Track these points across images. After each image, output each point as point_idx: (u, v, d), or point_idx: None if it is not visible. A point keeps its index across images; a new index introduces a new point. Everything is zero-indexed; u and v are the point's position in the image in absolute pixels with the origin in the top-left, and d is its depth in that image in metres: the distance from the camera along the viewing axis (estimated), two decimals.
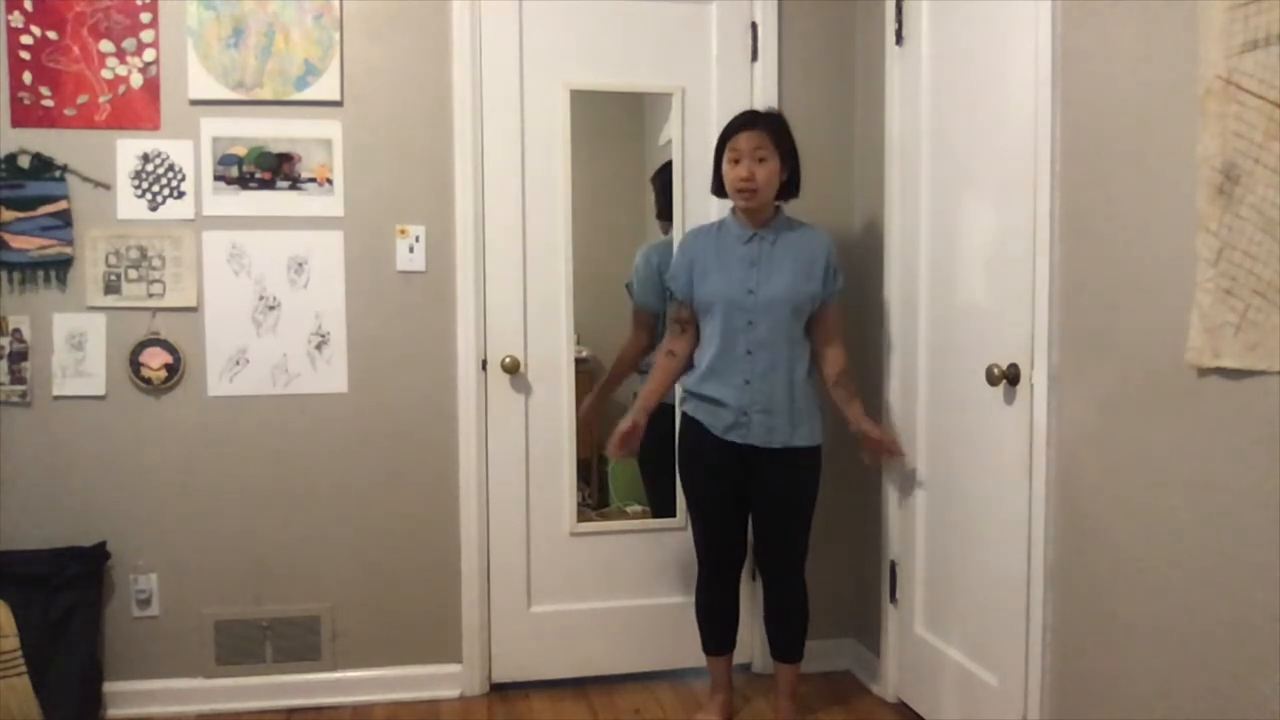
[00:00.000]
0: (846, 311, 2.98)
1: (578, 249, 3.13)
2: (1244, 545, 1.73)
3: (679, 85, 3.16)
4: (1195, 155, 1.79)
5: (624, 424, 2.79)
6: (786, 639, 2.86)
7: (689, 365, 2.82)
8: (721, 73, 3.16)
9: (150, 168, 2.92)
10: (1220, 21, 1.73)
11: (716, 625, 2.89)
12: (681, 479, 2.91)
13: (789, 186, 2.76)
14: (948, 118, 2.74)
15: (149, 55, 2.90)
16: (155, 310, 2.95)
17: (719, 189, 2.78)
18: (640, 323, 3.06)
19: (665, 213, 3.21)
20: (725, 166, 2.70)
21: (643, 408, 2.80)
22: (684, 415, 2.82)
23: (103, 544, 2.93)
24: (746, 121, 2.70)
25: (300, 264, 3.00)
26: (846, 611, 3.31)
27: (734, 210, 2.77)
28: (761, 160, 2.65)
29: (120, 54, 2.89)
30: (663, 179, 3.22)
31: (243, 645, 3.03)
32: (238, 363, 2.99)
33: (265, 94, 2.95)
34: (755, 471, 2.74)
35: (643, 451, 2.93)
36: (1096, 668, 2.15)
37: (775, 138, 2.69)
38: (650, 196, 3.31)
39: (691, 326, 2.81)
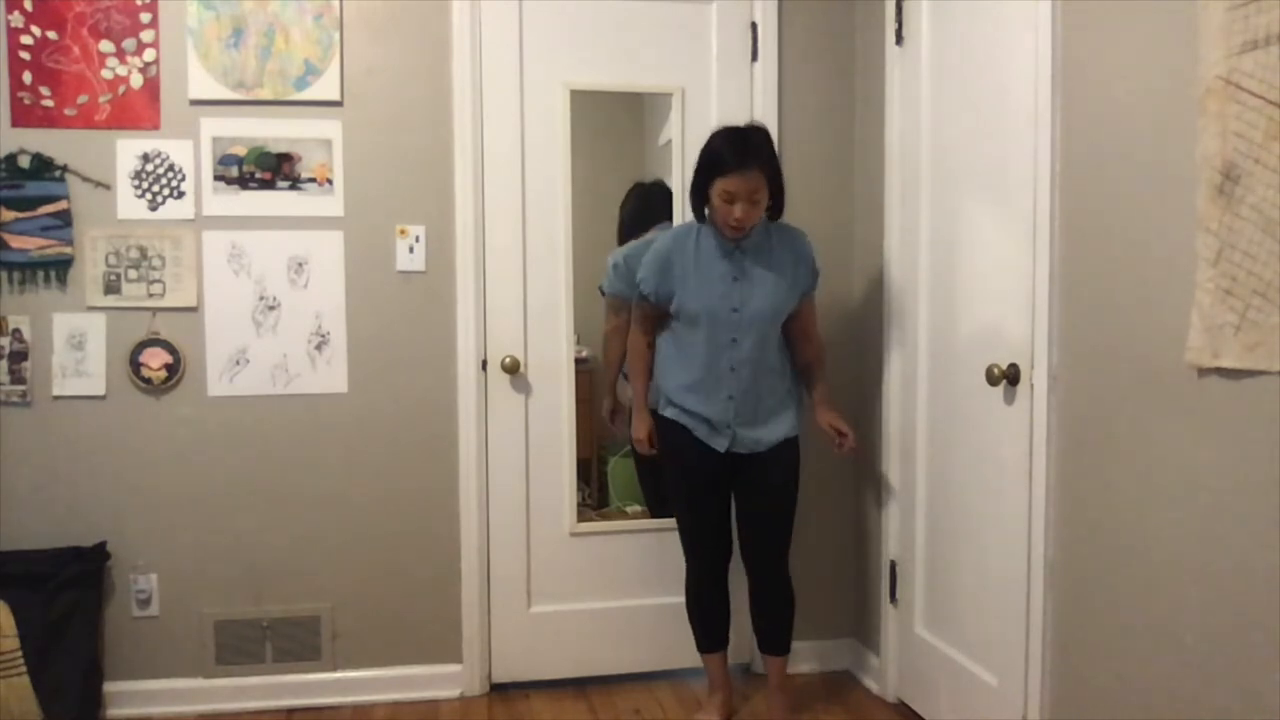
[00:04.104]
0: (838, 313, 3.00)
1: (578, 249, 3.13)
2: (1244, 545, 1.73)
3: (679, 85, 3.16)
4: (1195, 155, 1.79)
5: (641, 431, 2.82)
6: (775, 631, 2.87)
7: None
8: (721, 73, 3.16)
9: (150, 168, 2.92)
10: (1220, 21, 1.73)
11: (710, 622, 2.90)
12: (668, 479, 2.90)
13: (775, 208, 2.69)
14: (948, 118, 2.74)
15: (149, 55, 2.90)
16: (155, 310, 2.95)
17: (700, 211, 2.69)
18: (615, 309, 3.03)
19: (626, 240, 3.18)
20: (716, 199, 2.60)
21: (645, 405, 2.83)
22: (665, 419, 2.79)
23: (103, 544, 2.93)
24: (741, 160, 2.55)
25: (300, 264, 3.00)
26: (846, 611, 3.31)
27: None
28: (756, 202, 2.59)
29: (120, 54, 2.89)
30: (629, 208, 3.22)
31: (243, 645, 3.03)
32: (238, 363, 2.98)
33: (265, 94, 2.95)
34: (739, 468, 2.75)
35: (637, 452, 2.93)
36: (1096, 668, 2.15)
37: (769, 177, 2.60)
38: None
39: (657, 322, 2.79)
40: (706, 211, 2.68)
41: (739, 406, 2.69)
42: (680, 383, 2.74)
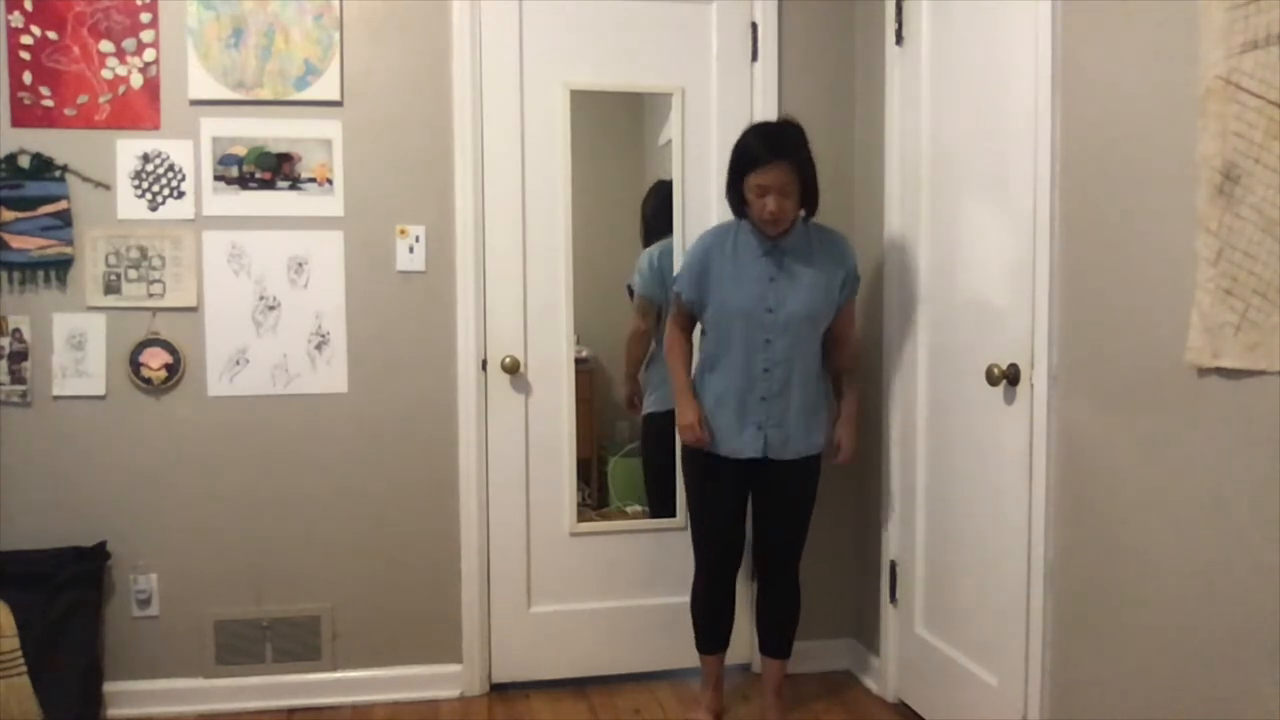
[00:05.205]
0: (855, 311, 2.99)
1: (578, 249, 3.13)
2: (1244, 545, 1.73)
3: (679, 85, 3.16)
4: (1195, 155, 1.79)
5: (691, 415, 2.72)
6: (781, 635, 2.88)
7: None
8: (721, 73, 3.16)
9: (150, 168, 2.92)
10: (1220, 21, 1.73)
11: (716, 624, 2.90)
12: (687, 480, 2.90)
13: (809, 203, 2.70)
14: (948, 118, 2.74)
15: (149, 55, 2.90)
16: (155, 310, 2.95)
17: (738, 209, 2.70)
18: (643, 311, 3.10)
19: (650, 240, 3.21)
20: (750, 193, 2.61)
21: (689, 391, 2.76)
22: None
23: (103, 544, 2.93)
24: (770, 154, 2.58)
25: (300, 264, 3.00)
26: (846, 611, 3.31)
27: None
28: (788, 195, 2.59)
29: (120, 54, 2.89)
30: (651, 205, 3.23)
31: (243, 645, 3.03)
32: (238, 363, 2.98)
33: (265, 94, 2.95)
34: (762, 475, 2.75)
35: (645, 451, 2.93)
36: (1096, 668, 2.15)
37: (801, 171, 2.61)
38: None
39: (693, 320, 2.81)
40: (746, 211, 2.68)
41: (770, 409, 2.68)
42: (712, 381, 2.73)
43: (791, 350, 2.67)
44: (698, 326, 2.83)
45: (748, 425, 2.69)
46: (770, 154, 2.58)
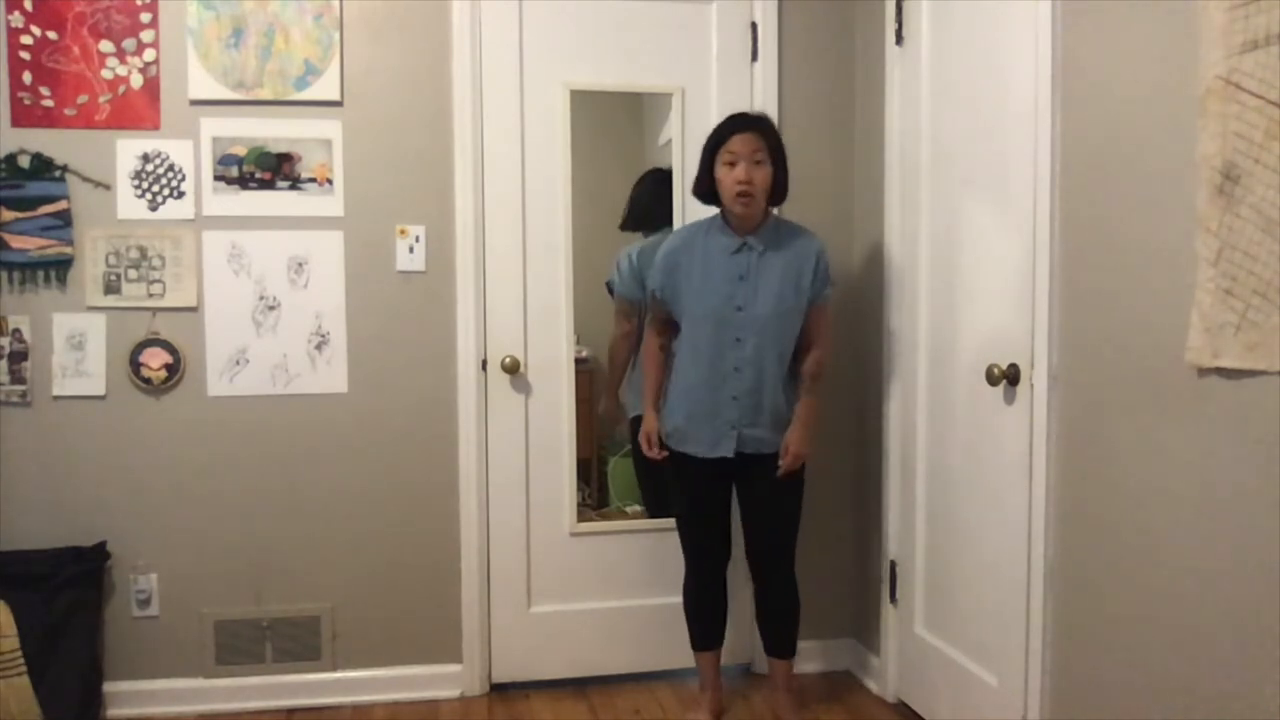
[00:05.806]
0: (837, 313, 2.99)
1: (578, 249, 3.13)
2: (1244, 545, 1.73)
3: (679, 85, 3.16)
4: (1195, 155, 1.79)
5: (649, 432, 2.80)
6: (782, 635, 2.87)
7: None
8: (721, 73, 3.16)
9: (150, 168, 2.92)
10: (1220, 21, 1.73)
11: (706, 621, 2.90)
12: (669, 481, 2.90)
13: (778, 191, 2.72)
14: (948, 118, 2.74)
15: (149, 55, 2.90)
16: (155, 310, 2.95)
17: (706, 194, 2.73)
18: (625, 313, 3.11)
19: (633, 226, 3.20)
20: (720, 170, 2.65)
21: (653, 404, 2.82)
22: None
23: (103, 544, 2.93)
24: (742, 124, 2.65)
25: (300, 264, 3.00)
26: (846, 611, 3.31)
27: (722, 215, 2.75)
28: (758, 163, 2.62)
29: (120, 54, 2.89)
30: (639, 189, 3.23)
31: (243, 645, 3.03)
32: (238, 363, 2.99)
33: (265, 94, 2.95)
34: (742, 473, 2.75)
35: (637, 452, 2.93)
36: (1096, 668, 2.15)
37: (769, 142, 2.65)
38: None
39: (672, 325, 2.80)
40: (718, 191, 2.67)
41: (743, 409, 2.68)
42: (685, 382, 2.73)
43: (762, 349, 2.67)
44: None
45: (720, 425, 2.69)
46: (737, 125, 2.66)
